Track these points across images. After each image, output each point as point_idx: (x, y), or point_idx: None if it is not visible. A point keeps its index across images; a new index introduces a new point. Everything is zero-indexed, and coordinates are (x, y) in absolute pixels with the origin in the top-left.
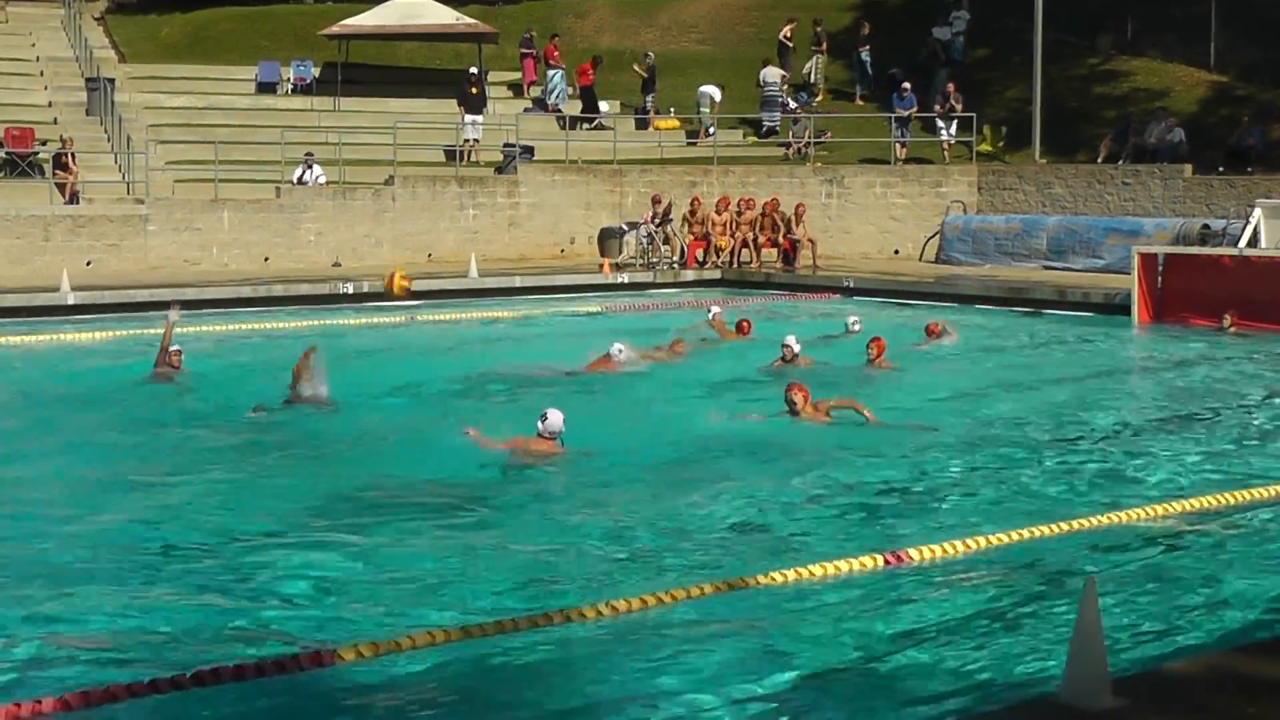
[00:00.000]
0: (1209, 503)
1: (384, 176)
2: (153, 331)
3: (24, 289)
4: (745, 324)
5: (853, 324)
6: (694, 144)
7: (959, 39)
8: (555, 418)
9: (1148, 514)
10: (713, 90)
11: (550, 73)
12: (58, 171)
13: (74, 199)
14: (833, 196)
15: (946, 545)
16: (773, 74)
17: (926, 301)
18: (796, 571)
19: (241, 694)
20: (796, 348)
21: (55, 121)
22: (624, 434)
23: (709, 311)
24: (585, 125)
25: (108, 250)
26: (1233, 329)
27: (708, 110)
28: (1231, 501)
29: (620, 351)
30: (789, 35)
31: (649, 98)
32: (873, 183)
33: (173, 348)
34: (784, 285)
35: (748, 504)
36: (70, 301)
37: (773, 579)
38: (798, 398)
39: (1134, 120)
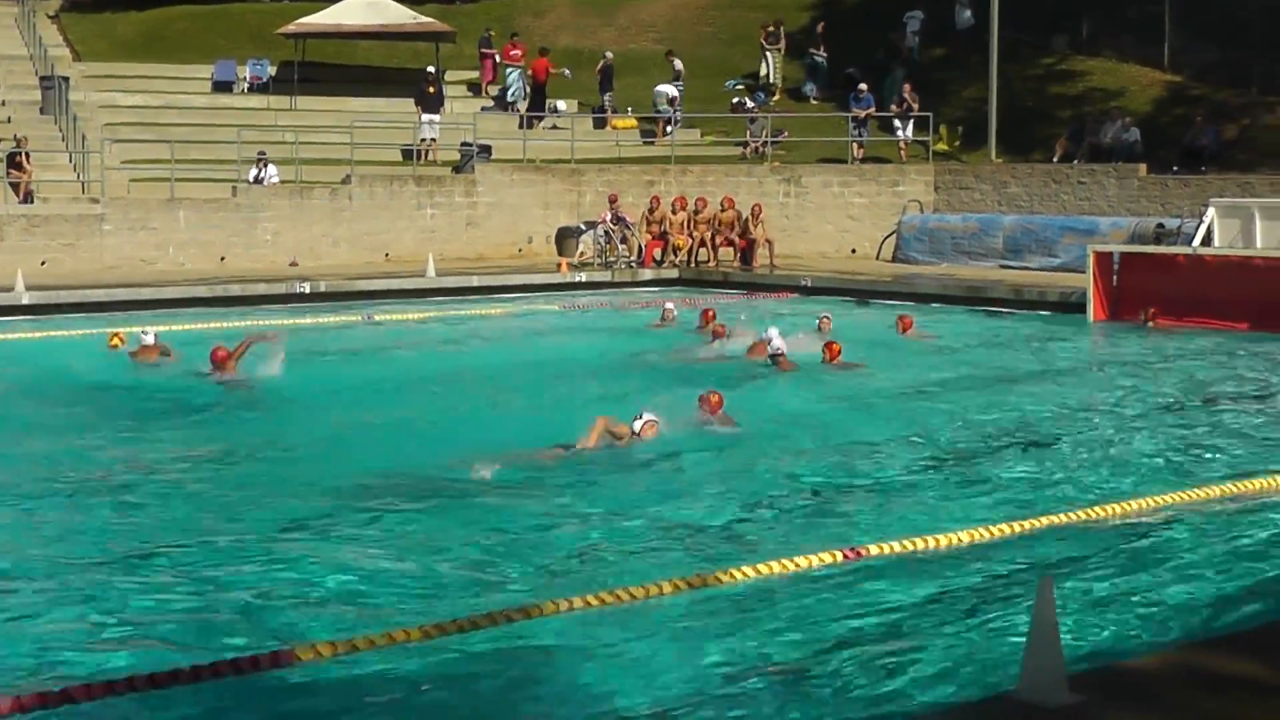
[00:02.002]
0: (1165, 500)
1: (341, 176)
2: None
3: None
4: (710, 313)
5: (823, 322)
6: (651, 143)
7: (915, 39)
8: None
9: (1104, 511)
10: (669, 89)
11: (509, 71)
12: (12, 170)
13: (28, 198)
14: (790, 196)
15: (905, 541)
16: (678, 66)
17: (884, 300)
18: (755, 568)
19: (237, 691)
20: (783, 347)
21: (9, 120)
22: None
23: (662, 309)
24: (537, 122)
25: (63, 250)
26: (1152, 325)
27: (669, 108)
28: (1188, 498)
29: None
30: (766, 37)
31: (606, 97)
32: (830, 182)
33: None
34: (742, 284)
35: (709, 501)
36: (25, 301)
37: (731, 576)
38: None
39: (1089, 120)
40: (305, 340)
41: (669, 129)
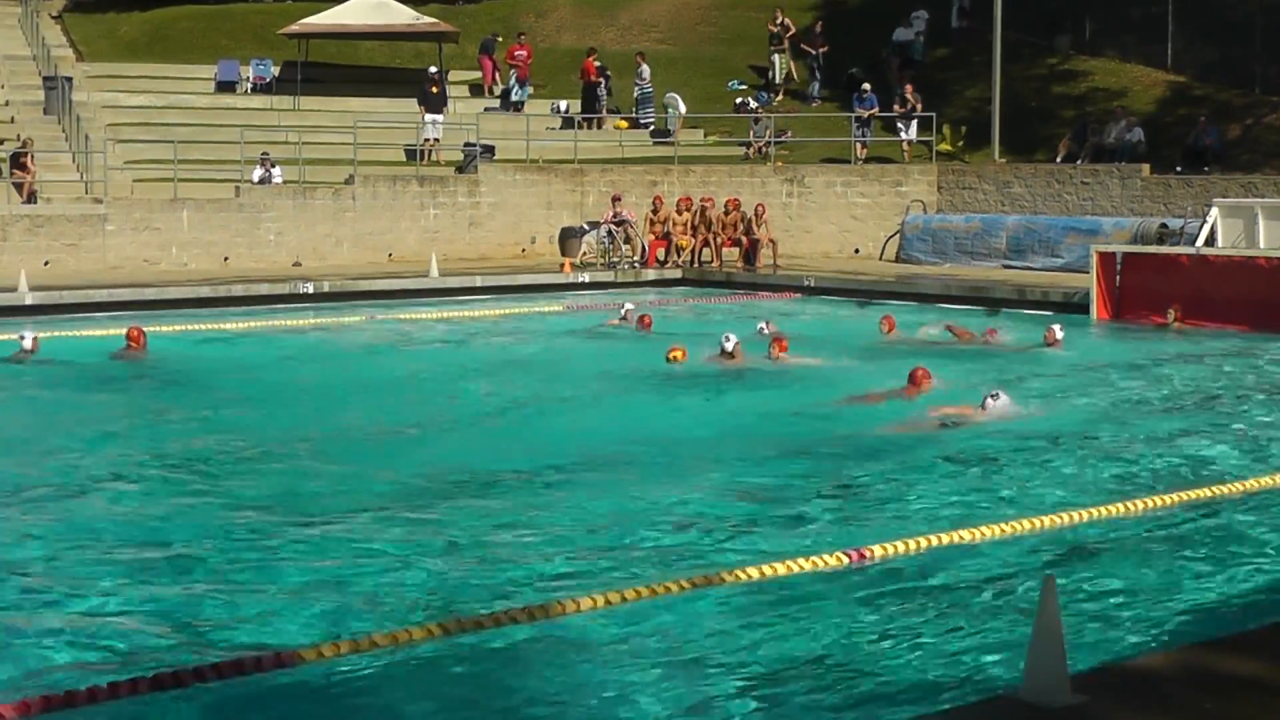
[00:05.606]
0: (1168, 499)
1: (344, 176)
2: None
3: None
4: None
5: (762, 328)
6: (663, 143)
7: (919, 39)
8: (1004, 400)
9: (1107, 511)
10: (678, 100)
11: (510, 71)
12: (15, 171)
13: (32, 198)
14: (793, 196)
15: (909, 542)
16: (645, 71)
17: (887, 301)
18: (759, 569)
19: (238, 692)
20: (730, 345)
21: (13, 121)
22: (578, 424)
23: (622, 309)
24: (591, 124)
25: (66, 250)
26: (1177, 325)
27: (675, 114)
28: (1191, 497)
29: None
30: (773, 38)
31: (605, 96)
32: (833, 182)
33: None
34: (745, 284)
35: (709, 500)
36: (28, 302)
37: (736, 576)
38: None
39: (1092, 120)
40: (306, 339)
41: (759, 125)
